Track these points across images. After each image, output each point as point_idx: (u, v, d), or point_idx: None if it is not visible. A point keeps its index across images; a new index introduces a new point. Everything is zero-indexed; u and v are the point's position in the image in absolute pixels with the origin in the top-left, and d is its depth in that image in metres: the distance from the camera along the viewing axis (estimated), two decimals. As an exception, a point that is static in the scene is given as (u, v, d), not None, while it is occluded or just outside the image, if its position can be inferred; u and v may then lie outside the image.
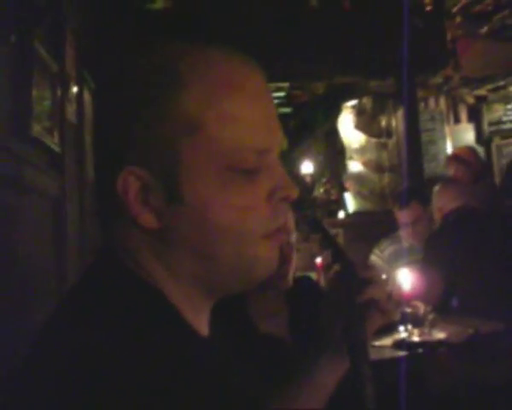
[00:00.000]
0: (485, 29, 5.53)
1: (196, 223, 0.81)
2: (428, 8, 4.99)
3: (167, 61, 0.83)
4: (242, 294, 1.94)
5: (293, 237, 1.95)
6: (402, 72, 4.19)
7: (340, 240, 4.96)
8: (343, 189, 6.26)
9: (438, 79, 6.48)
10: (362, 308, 1.23)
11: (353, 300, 1.21)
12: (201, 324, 0.90)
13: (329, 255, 1.31)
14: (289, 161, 7.43)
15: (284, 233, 0.92)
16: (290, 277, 1.94)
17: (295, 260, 1.97)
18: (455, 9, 5.29)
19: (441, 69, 5.37)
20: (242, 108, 0.83)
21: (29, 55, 2.16)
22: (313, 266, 4.10)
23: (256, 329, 1.90)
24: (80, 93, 3.07)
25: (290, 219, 1.96)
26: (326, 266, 1.58)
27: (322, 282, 3.48)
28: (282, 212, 0.88)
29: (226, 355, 1.01)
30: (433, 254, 3.35)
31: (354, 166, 6.32)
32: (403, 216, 3.93)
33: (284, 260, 1.90)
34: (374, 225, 4.89)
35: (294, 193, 0.88)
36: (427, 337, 2.50)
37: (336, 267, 1.30)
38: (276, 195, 0.86)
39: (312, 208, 5.88)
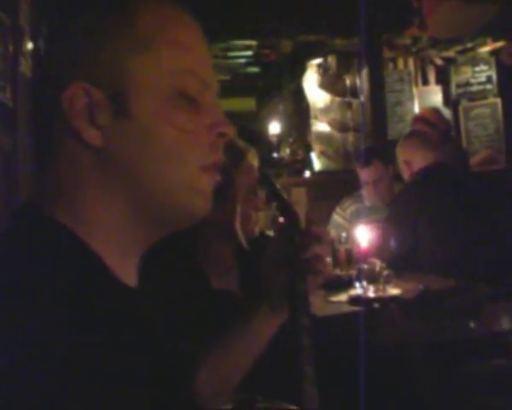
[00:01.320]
0: (452, -11, 5.51)
1: (140, 140, 0.84)
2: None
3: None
4: (195, 248, 1.95)
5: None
6: (366, 30, 4.18)
7: (305, 199, 4.97)
8: (309, 148, 6.26)
9: (406, 40, 6.45)
10: (304, 262, 1.24)
11: (296, 253, 1.21)
12: (129, 272, 0.90)
13: (275, 208, 1.31)
14: (257, 121, 7.41)
15: (218, 173, 0.93)
16: (257, 226, 1.97)
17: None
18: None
19: (406, 28, 5.34)
20: (189, 39, 0.90)
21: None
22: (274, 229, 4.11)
23: (207, 283, 1.91)
24: (37, 48, 3.00)
25: (255, 167, 1.98)
26: (272, 219, 1.60)
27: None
28: (218, 147, 0.92)
29: (154, 306, 1.00)
30: (399, 211, 3.37)
31: (319, 125, 6.31)
32: (364, 175, 3.96)
33: (256, 207, 1.94)
34: (337, 185, 4.91)
35: (231, 131, 0.92)
36: (381, 293, 2.53)
37: (281, 220, 1.30)
38: (215, 129, 0.91)
39: (277, 168, 5.88)
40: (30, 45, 2.88)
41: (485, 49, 7.01)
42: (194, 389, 1.11)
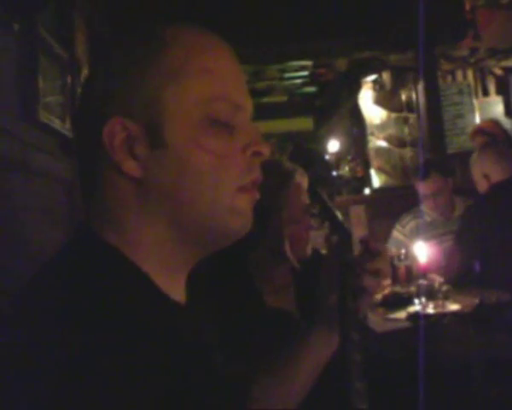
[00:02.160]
0: (506, -1, 5.42)
1: (177, 167, 0.87)
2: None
3: (154, 29, 0.93)
4: (249, 270, 1.96)
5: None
6: (420, 44, 4.14)
7: (364, 216, 4.93)
8: (367, 166, 6.21)
9: (463, 52, 6.36)
10: (358, 280, 1.24)
11: (347, 271, 1.22)
12: (176, 289, 0.93)
13: (328, 227, 1.32)
14: (315, 141, 7.41)
15: (257, 191, 0.96)
16: (309, 246, 1.97)
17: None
18: (476, -21, 5.19)
19: (459, 40, 5.27)
20: (218, 64, 0.92)
21: (33, 42, 2.20)
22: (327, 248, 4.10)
23: (263, 302, 1.92)
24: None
25: (304, 186, 1.98)
26: (325, 238, 1.60)
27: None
28: (255, 166, 0.94)
29: (203, 323, 1.02)
30: (471, 223, 3.30)
31: (376, 142, 6.26)
32: (423, 188, 3.91)
33: (307, 227, 1.95)
34: (397, 201, 4.86)
35: (266, 149, 0.95)
36: (439, 309, 2.49)
37: (334, 239, 1.30)
38: (250, 149, 0.93)
39: (335, 186, 5.84)
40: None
41: (544, 56, 6.86)
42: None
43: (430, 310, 2.51)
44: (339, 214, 1.29)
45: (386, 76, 6.30)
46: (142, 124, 0.87)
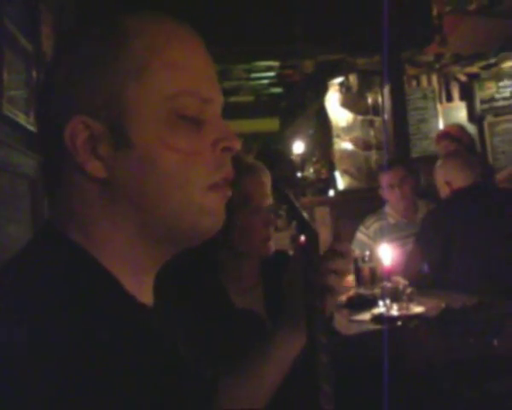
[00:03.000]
0: (473, 5, 5.48)
1: (143, 168, 0.83)
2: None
3: (115, 21, 0.88)
4: (217, 268, 1.96)
5: (270, 201, 1.96)
6: (387, 48, 4.18)
7: (328, 218, 4.96)
8: (332, 167, 6.26)
9: (429, 57, 6.45)
10: (323, 279, 1.24)
11: (314, 271, 1.21)
12: (143, 290, 0.90)
13: (295, 227, 1.31)
14: (281, 142, 7.43)
15: (228, 188, 0.93)
16: (271, 243, 1.95)
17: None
18: (443, -15, 5.25)
19: (426, 45, 5.32)
20: (185, 57, 0.88)
21: (-2, 34, 2.16)
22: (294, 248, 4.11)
23: (230, 302, 1.91)
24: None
25: (267, 184, 1.97)
26: (292, 238, 1.58)
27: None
28: (225, 163, 0.91)
29: (170, 325, 1.00)
30: (432, 226, 3.35)
31: (342, 144, 6.31)
32: (388, 178, 3.96)
33: (268, 222, 1.93)
34: (361, 203, 4.89)
35: (237, 144, 0.92)
36: (404, 312, 2.51)
37: (301, 238, 1.30)
38: (220, 144, 0.89)
39: (301, 187, 5.88)
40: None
41: (509, 64, 6.98)
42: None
43: (394, 312, 2.53)
44: (306, 214, 1.29)
45: (352, 79, 6.35)
46: (105, 123, 0.83)
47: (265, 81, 6.98)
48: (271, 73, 6.66)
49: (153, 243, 0.88)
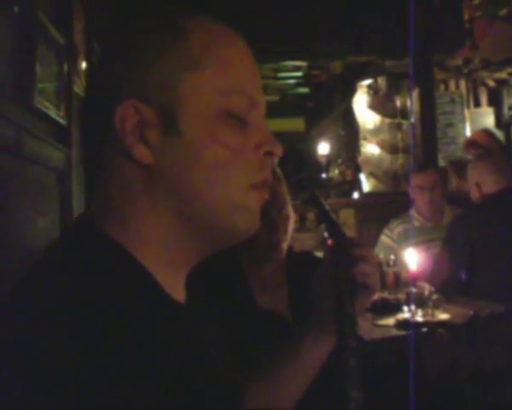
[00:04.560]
0: (504, 11, 5.44)
1: (189, 157, 0.84)
2: (447, -13, 4.92)
3: (173, 16, 0.90)
4: (242, 269, 1.95)
5: (286, 208, 1.95)
6: (417, 51, 4.15)
7: (353, 220, 4.94)
8: (358, 169, 6.23)
9: (457, 61, 6.40)
10: (352, 283, 1.22)
11: (343, 274, 1.20)
12: (177, 288, 0.91)
13: (325, 230, 1.30)
14: (306, 142, 7.41)
15: (267, 191, 0.94)
16: (282, 247, 1.94)
17: (290, 233, 1.97)
18: (475, -10, 5.21)
19: (457, 49, 5.28)
20: (238, 57, 0.90)
21: (32, 26, 2.16)
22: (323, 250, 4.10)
23: (255, 302, 1.91)
24: (91, 67, 3.06)
25: (283, 190, 1.96)
26: (321, 240, 1.55)
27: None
28: (267, 165, 0.92)
29: (202, 323, 1.00)
30: (459, 232, 3.32)
31: (368, 146, 6.28)
32: (420, 180, 3.96)
33: (274, 227, 1.91)
34: (386, 206, 4.87)
35: (279, 150, 0.93)
36: (429, 318, 2.49)
37: (330, 242, 1.29)
38: (263, 147, 0.91)
39: (326, 188, 5.85)
40: (84, 64, 2.94)
41: (538, 70, 6.91)
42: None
43: (419, 318, 2.51)
44: (335, 217, 1.28)
45: (381, 81, 6.31)
46: (156, 109, 0.84)
47: (292, 81, 6.96)
48: (299, 73, 6.65)
49: (190, 237, 0.88)
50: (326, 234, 1.30)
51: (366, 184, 6.19)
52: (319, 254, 2.37)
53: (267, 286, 1.96)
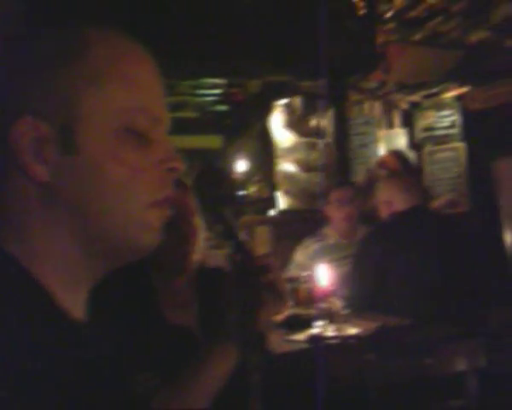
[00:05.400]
0: (418, 35, 5.61)
1: (88, 177, 0.82)
2: (361, 11, 5.05)
3: (76, 28, 0.89)
4: (151, 284, 1.93)
5: (195, 219, 1.94)
6: (331, 72, 4.24)
7: (269, 237, 4.97)
8: (274, 187, 6.28)
9: (372, 84, 6.56)
10: (258, 296, 1.24)
11: (248, 289, 1.21)
12: (77, 304, 0.88)
13: (230, 247, 1.31)
14: (223, 160, 7.42)
15: (169, 208, 0.93)
16: (191, 259, 1.94)
17: (201, 246, 1.97)
18: (388, 14, 5.35)
19: (370, 72, 5.43)
20: (140, 73, 0.89)
21: None
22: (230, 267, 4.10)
23: (163, 318, 1.89)
24: None
25: (192, 201, 1.96)
26: (227, 258, 1.55)
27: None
28: (169, 182, 0.91)
29: (103, 340, 0.98)
30: (369, 249, 3.38)
31: (284, 165, 6.35)
32: (339, 194, 4.01)
33: (183, 239, 1.91)
34: (301, 224, 4.92)
35: (181, 166, 0.92)
36: (339, 333, 2.53)
37: (236, 258, 1.30)
38: (165, 164, 0.90)
39: (241, 206, 5.88)
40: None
41: (450, 94, 7.14)
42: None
43: (330, 333, 2.55)
44: (241, 234, 1.30)
45: (297, 101, 6.39)
46: (55, 126, 0.82)
47: (211, 98, 6.97)
48: (217, 91, 6.66)
49: (91, 256, 0.87)
50: (232, 250, 1.31)
51: (282, 202, 6.25)
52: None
53: (177, 302, 1.95)
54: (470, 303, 3.01)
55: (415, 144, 7.29)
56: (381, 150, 6.84)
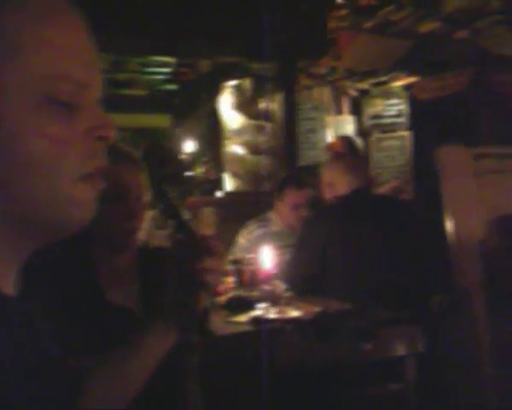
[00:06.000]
0: (369, 23, 5.63)
1: (9, 152, 0.78)
2: (313, -4, 5.06)
3: None
4: (92, 261, 1.90)
5: (146, 196, 1.92)
6: (281, 56, 4.24)
7: (214, 219, 4.95)
8: (221, 169, 6.27)
9: (322, 69, 6.58)
10: (197, 278, 1.22)
11: (187, 270, 1.20)
12: (6, 280, 0.85)
13: (172, 226, 1.30)
14: (172, 139, 7.37)
15: (101, 179, 0.88)
16: (136, 235, 1.92)
17: (147, 223, 1.95)
18: (340, 1, 5.36)
19: (320, 58, 5.45)
20: (65, 39, 0.82)
21: None
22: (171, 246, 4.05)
23: (103, 296, 1.87)
24: None
25: (142, 177, 1.93)
26: (169, 237, 1.52)
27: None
28: (99, 152, 0.86)
29: (36, 316, 0.96)
30: (311, 232, 3.37)
31: (232, 146, 6.34)
32: (297, 197, 3.94)
33: (132, 214, 1.88)
34: (248, 206, 4.91)
35: (111, 133, 0.87)
36: (281, 315, 2.54)
37: (178, 237, 1.29)
38: (94, 132, 0.84)
39: (188, 186, 5.85)
40: None
41: (398, 83, 7.24)
42: (82, 405, 1.07)
43: (272, 315, 2.55)
44: (183, 214, 1.28)
45: (246, 83, 6.38)
46: None
47: (160, 77, 6.90)
48: (167, 69, 6.59)
49: (18, 233, 0.83)
50: (173, 229, 1.30)
51: (229, 184, 6.24)
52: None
53: (118, 280, 1.93)
54: (411, 288, 3.05)
55: (362, 131, 7.37)
56: (330, 136, 6.89)
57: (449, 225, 1.52)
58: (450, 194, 1.58)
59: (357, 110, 7.48)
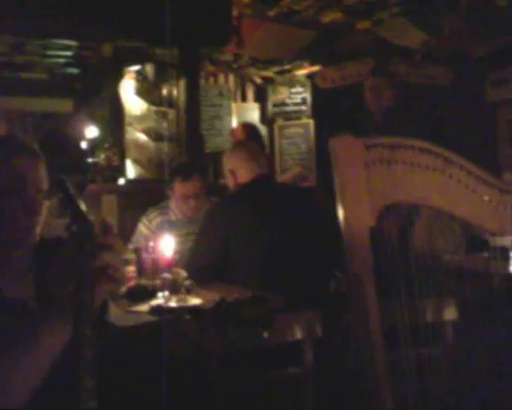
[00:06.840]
0: (272, 12, 5.66)
1: None
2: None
3: None
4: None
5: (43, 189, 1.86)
6: (184, 42, 4.21)
7: (116, 207, 4.90)
8: (124, 156, 6.18)
9: (227, 56, 6.59)
10: (93, 271, 1.21)
11: (84, 262, 1.19)
12: None
13: (69, 215, 1.27)
14: (73, 125, 7.19)
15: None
16: (36, 230, 1.86)
17: (45, 217, 1.89)
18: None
19: (223, 44, 5.45)
20: None
21: None
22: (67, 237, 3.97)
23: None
24: None
25: (41, 169, 1.87)
26: (65, 227, 1.48)
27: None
28: None
29: None
30: (212, 224, 3.36)
31: (134, 133, 6.27)
32: (184, 188, 3.89)
33: (31, 209, 1.81)
34: (150, 193, 4.87)
35: None
36: (181, 303, 2.55)
37: (73, 229, 1.26)
38: None
39: (90, 173, 5.72)
40: None
41: (302, 71, 7.35)
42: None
43: (173, 304, 2.55)
44: (81, 204, 1.26)
45: (149, 68, 6.31)
46: None
47: (61, 60, 6.70)
48: (68, 53, 6.41)
49: None
50: (70, 220, 1.27)
51: (131, 171, 6.17)
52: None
53: (13, 273, 1.87)
54: (311, 274, 3.11)
55: (267, 119, 7.45)
56: (234, 123, 6.94)
57: (340, 213, 1.57)
58: (341, 182, 1.63)
59: (262, 97, 7.55)
